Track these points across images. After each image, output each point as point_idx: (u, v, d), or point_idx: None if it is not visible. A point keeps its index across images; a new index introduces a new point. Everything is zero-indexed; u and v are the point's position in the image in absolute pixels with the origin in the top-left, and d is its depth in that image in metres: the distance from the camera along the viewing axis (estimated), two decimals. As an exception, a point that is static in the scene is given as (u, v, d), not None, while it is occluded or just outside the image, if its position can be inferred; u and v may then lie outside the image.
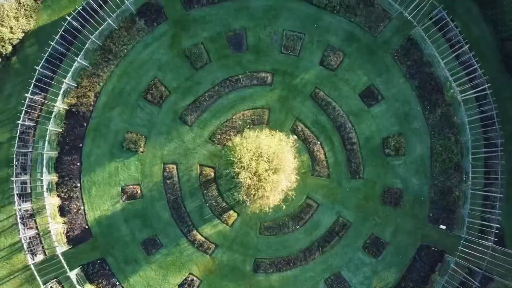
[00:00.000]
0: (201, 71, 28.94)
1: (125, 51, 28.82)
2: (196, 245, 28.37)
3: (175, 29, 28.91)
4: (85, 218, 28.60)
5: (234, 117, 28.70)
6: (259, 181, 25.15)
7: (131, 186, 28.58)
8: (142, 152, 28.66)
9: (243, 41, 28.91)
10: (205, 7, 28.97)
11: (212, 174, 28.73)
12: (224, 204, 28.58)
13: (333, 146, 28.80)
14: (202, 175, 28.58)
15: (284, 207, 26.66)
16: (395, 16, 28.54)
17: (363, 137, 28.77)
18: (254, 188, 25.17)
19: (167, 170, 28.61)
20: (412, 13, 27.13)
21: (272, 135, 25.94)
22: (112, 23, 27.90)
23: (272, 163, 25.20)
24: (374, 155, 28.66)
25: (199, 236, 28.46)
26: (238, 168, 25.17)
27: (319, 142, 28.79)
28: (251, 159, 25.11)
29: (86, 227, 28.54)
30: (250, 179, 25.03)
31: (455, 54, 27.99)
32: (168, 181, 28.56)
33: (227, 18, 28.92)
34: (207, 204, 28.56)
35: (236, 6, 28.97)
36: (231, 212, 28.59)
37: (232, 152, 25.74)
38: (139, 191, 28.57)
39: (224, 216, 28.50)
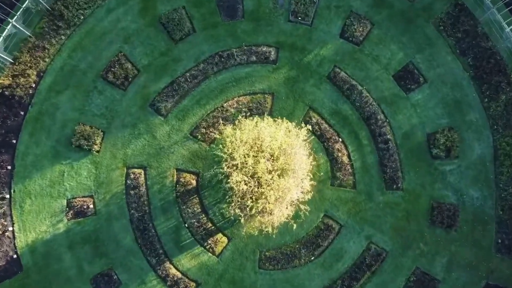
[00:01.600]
0: (182, 44, 21.69)
1: (81, 17, 21.68)
2: (169, 283, 19.98)
3: (149, -10, 22.06)
4: (14, 243, 20.35)
5: (225, 104, 21.15)
6: (258, 187, 17.29)
7: (80, 199, 20.57)
8: (97, 151, 20.87)
9: (238, 5, 21.85)
10: (188, -37, 22.24)
11: (194, 183, 20.81)
12: (209, 224, 20.46)
13: (359, 144, 21.09)
14: (179, 184, 20.65)
15: (294, 226, 18.58)
16: (438, -25, 21.77)
17: (400, 133, 21.11)
18: (252, 198, 17.26)
19: (132, 176, 20.71)
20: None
21: (278, 125, 18.29)
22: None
23: (277, 161, 17.42)
24: (416, 157, 20.90)
25: (173, 270, 20.13)
26: (228, 167, 17.38)
27: (340, 140, 21.10)
28: (247, 154, 17.36)
29: (15, 256, 20.23)
30: (246, 183, 17.16)
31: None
32: (132, 192, 20.59)
33: (217, -24, 22.12)
34: (186, 225, 20.46)
35: (229, -38, 22.24)
36: (219, 236, 20.41)
37: (221, 145, 18.03)
38: (91, 206, 20.53)
39: (210, 241, 20.29)
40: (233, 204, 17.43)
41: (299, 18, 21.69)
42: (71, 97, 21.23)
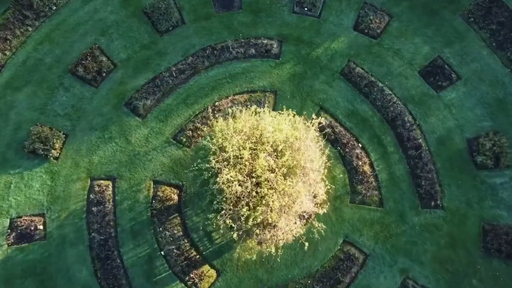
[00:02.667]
0: (168, 37, 18.48)
1: (53, 8, 18.76)
2: (135, 334, 14.66)
3: (133, -20, 19.39)
4: None
5: (217, 103, 17.37)
6: (257, 190, 12.84)
7: (27, 218, 15.88)
8: (56, 158, 16.65)
9: (234, -4, 19.10)
10: (180, -47, 19.82)
11: (175, 198, 16.26)
12: (193, 252, 15.55)
13: (384, 152, 16.90)
14: (156, 200, 16.12)
15: (306, 245, 13.74)
16: (462, -34, 19.18)
17: (433, 138, 17.01)
18: (248, 204, 12.74)
19: (96, 189, 16.25)
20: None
21: (282, 116, 14.27)
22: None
23: (282, 157, 13.17)
24: (457, 167, 16.56)
25: (142, 316, 14.88)
26: (217, 161, 13.06)
27: (360, 145, 16.97)
28: (243, 146, 13.16)
29: None
30: (241, 184, 12.75)
31: None
32: (95, 210, 15.99)
33: (212, -34, 19.58)
34: (162, 253, 15.55)
35: (225, -48, 19.83)
36: (206, 268, 15.38)
37: (209, 137, 13.86)
38: (40, 227, 15.79)
39: (193, 275, 15.20)
40: (223, 212, 12.85)
41: (305, 9, 18.72)
42: (30, 94, 17.53)
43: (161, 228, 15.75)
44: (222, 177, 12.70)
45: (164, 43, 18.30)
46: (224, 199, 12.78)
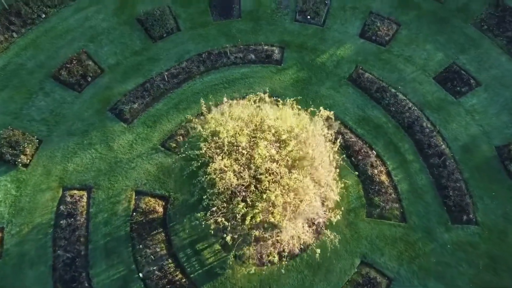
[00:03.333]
0: (162, 43, 17.26)
1: (43, 16, 17.80)
2: None
3: (129, -10, 18.69)
4: None
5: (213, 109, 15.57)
6: (256, 185, 10.56)
7: (-18, 233, 13.36)
8: (25, 165, 14.45)
9: (234, 5, 18.18)
10: (178, -33, 19.34)
11: (160, 211, 13.79)
12: (177, 275, 12.69)
13: (403, 160, 14.72)
14: (138, 212, 13.64)
15: (318, 252, 11.09)
16: (468, -22, 18.59)
17: (457, 146, 14.94)
18: (246, 200, 10.38)
19: (68, 200, 13.83)
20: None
21: (285, 108, 12.41)
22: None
23: (286, 148, 11.08)
24: (488, 177, 14.26)
25: None
26: (209, 148, 10.94)
27: (374, 153, 14.85)
28: (238, 133, 11.13)
29: None
30: (236, 175, 10.52)
31: None
32: (63, 223, 13.43)
33: (211, -21, 18.98)
34: (141, 275, 12.70)
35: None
36: (194, 294, 12.52)
37: (202, 127, 11.84)
38: (-4, 244, 13.20)
39: (177, 304, 12.30)
40: (214, 209, 10.42)
41: (308, 17, 17.74)
42: (6, 99, 15.84)
43: (141, 245, 13.09)
44: (213, 166, 10.54)
45: (157, 49, 17.05)
46: (216, 193, 10.48)
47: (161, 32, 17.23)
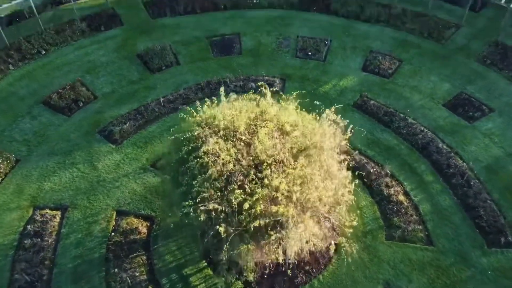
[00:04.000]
0: (160, 74, 16.82)
1: (43, 52, 17.73)
2: None
3: (132, 32, 18.79)
4: None
5: (209, 131, 14.39)
6: (256, 173, 8.98)
7: None
8: (-4, 183, 12.82)
9: (234, 44, 18.21)
10: (181, 16, 19.91)
11: (143, 231, 11.70)
12: (159, 304, 10.25)
13: (421, 181, 13.03)
14: (117, 232, 11.55)
15: (332, 248, 8.89)
16: (465, 24, 18.98)
17: (481, 166, 13.37)
18: (243, 189, 8.70)
19: (38, 219, 11.88)
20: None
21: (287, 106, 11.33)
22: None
23: (289, 135, 9.76)
24: (520, 197, 12.55)
25: None
26: (203, 130, 9.58)
27: (389, 173, 13.22)
28: (237, 118, 9.90)
29: None
30: (233, 161, 9.00)
31: None
32: (28, 243, 11.26)
33: (213, 24, 19.33)
34: (113, 304, 10.24)
35: (227, 15, 19.93)
36: (177, 330, 9.87)
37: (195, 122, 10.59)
38: None
39: None
40: (206, 196, 8.64)
41: (309, 53, 17.64)
42: (-10, 121, 14.85)
43: (116, 269, 10.78)
44: (206, 147, 9.10)
45: (155, 79, 16.57)
46: (208, 178, 8.84)
47: (160, 64, 16.97)
